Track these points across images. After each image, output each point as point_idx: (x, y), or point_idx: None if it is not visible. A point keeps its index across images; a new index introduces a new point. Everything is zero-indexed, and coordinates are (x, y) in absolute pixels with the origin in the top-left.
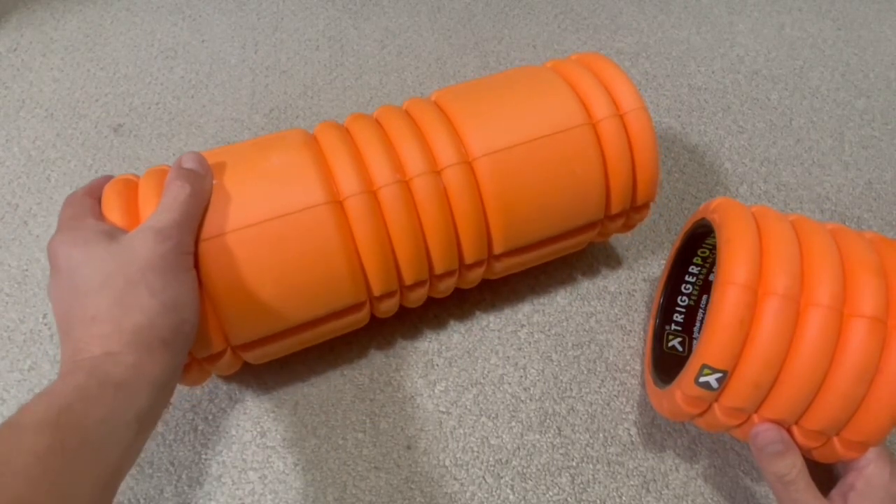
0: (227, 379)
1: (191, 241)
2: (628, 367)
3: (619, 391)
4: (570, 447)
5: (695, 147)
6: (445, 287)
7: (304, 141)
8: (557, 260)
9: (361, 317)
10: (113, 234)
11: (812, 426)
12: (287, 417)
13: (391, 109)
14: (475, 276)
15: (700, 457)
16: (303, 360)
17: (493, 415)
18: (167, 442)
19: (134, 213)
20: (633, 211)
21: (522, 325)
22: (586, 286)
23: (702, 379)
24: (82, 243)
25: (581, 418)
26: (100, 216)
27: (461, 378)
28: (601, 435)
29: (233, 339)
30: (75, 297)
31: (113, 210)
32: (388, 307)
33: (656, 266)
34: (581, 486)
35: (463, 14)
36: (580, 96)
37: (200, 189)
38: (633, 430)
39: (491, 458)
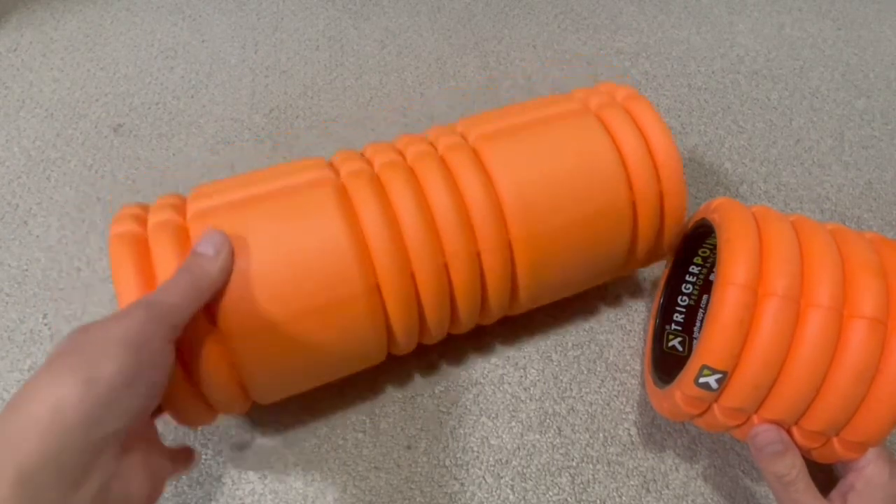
0: None
1: (176, 328)
2: (628, 367)
3: (619, 391)
4: (570, 447)
5: (695, 147)
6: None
7: (339, 204)
8: None
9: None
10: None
11: (812, 427)
12: (287, 418)
13: (430, 162)
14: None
15: (700, 457)
16: None
17: (493, 415)
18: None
19: (151, 279)
20: (646, 265)
21: (522, 326)
22: None
23: (701, 379)
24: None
25: (581, 418)
26: None
27: (461, 378)
28: (601, 435)
29: (257, 401)
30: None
31: (129, 282)
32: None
33: (656, 266)
34: (581, 486)
35: (463, 14)
36: (626, 168)
37: (203, 275)
38: (633, 430)
39: (491, 458)
